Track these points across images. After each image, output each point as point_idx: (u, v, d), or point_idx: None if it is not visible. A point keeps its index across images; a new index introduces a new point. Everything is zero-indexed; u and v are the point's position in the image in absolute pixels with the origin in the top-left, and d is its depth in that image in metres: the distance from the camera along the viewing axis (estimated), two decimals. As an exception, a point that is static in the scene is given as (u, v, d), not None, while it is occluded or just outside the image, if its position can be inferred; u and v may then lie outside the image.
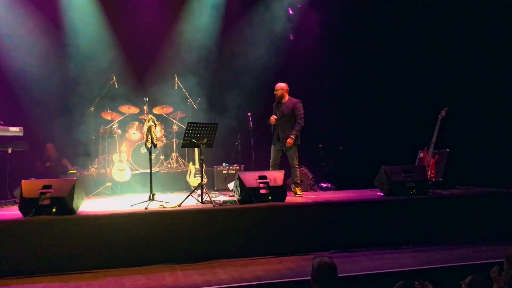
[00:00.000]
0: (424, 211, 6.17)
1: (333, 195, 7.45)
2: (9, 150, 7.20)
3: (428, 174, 7.12)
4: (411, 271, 4.80)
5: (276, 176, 6.07)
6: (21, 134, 7.26)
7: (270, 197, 5.95)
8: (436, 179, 7.48)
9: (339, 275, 3.59)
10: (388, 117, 9.52)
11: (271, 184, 5.99)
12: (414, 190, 6.43)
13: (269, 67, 9.75)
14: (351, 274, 4.74)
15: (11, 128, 7.14)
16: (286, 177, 6.38)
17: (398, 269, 4.89)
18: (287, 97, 7.50)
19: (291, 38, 10.22)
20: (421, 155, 7.81)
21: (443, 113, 7.60)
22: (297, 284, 4.54)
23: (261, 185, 5.97)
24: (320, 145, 8.88)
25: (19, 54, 8.84)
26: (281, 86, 7.52)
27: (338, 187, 8.34)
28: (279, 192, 6.02)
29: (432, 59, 9.24)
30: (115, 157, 8.57)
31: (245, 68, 9.71)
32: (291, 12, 10.17)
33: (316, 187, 8.34)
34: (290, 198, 6.32)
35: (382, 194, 6.65)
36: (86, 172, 8.84)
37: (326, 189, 8.21)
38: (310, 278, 3.70)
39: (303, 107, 7.40)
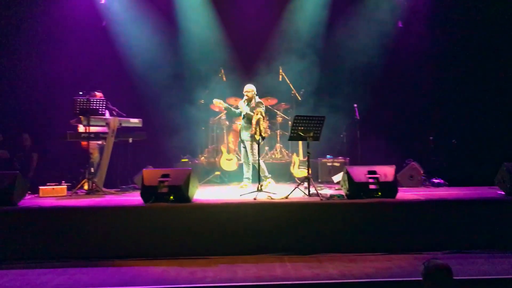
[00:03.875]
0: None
1: (446, 192, 7.04)
2: (130, 140, 7.79)
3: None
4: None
5: (386, 171, 5.87)
6: (140, 125, 7.81)
7: (379, 193, 5.79)
8: None
9: (454, 277, 3.41)
10: (509, 108, 8.73)
11: (381, 179, 5.82)
12: (541, 190, 5.86)
13: (376, 57, 9.46)
14: (468, 277, 4.47)
15: (132, 120, 7.71)
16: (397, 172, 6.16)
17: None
18: (254, 97, 7.59)
19: (400, 25, 9.79)
20: (549, 150, 7.10)
21: None
22: (408, 284, 4.38)
23: (371, 180, 5.81)
24: (431, 137, 8.44)
25: (139, 52, 9.59)
26: (252, 88, 7.60)
27: (451, 183, 7.85)
28: (390, 187, 5.83)
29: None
30: (223, 147, 8.91)
31: (351, 59, 9.50)
32: (399, -3, 9.76)
33: (427, 183, 7.93)
34: (401, 194, 6.09)
35: (503, 193, 6.14)
36: (196, 161, 9.30)
37: (438, 185, 7.77)
38: (421, 279, 3.58)
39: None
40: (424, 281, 3.51)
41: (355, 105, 8.54)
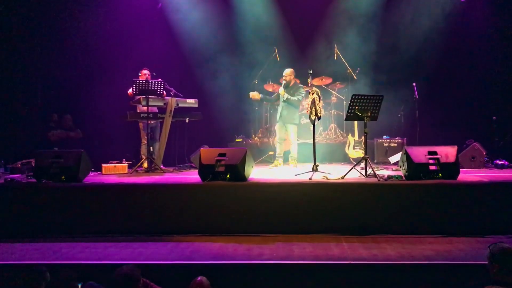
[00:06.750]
0: None
1: (510, 174, 6.74)
2: (187, 120, 7.94)
3: None
4: None
5: (447, 152, 5.67)
6: (196, 106, 7.94)
7: (440, 174, 5.61)
8: None
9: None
10: None
11: (442, 160, 5.63)
12: None
13: (436, 34, 9.07)
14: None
15: (188, 100, 7.85)
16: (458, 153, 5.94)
17: None
18: (293, 81, 7.90)
19: (462, 0, 9.32)
20: None
21: None
22: (471, 267, 4.27)
23: (431, 161, 5.64)
24: (494, 117, 8.05)
25: (193, 33, 9.63)
26: (290, 71, 7.83)
27: (516, 165, 7.51)
28: (451, 169, 5.63)
29: None
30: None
31: (410, 36, 9.16)
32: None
33: (490, 164, 7.60)
34: (462, 176, 5.88)
35: None
36: (250, 141, 9.37)
37: (502, 166, 7.41)
38: (486, 262, 3.49)
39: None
40: (490, 264, 3.43)
41: (414, 84, 8.26)
